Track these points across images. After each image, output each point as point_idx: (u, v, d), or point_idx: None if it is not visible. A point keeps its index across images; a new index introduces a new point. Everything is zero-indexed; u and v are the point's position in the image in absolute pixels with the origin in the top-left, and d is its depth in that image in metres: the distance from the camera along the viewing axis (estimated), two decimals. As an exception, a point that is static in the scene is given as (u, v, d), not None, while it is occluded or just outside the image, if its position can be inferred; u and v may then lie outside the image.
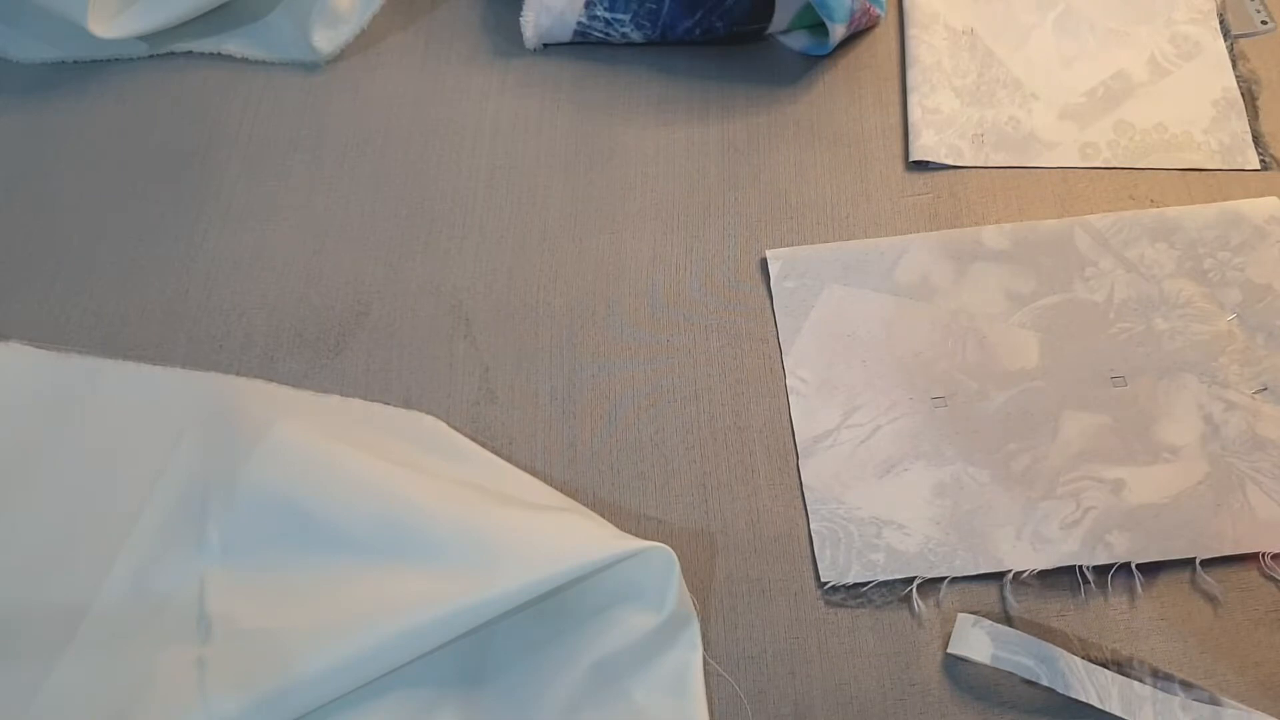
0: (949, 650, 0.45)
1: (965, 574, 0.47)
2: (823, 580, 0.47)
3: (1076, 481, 0.48)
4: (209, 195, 0.59)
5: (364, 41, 0.64)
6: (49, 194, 0.60)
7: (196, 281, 0.57)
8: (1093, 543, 0.47)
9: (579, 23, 0.61)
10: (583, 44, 0.63)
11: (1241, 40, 0.61)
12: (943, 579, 0.47)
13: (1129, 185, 0.57)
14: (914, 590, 0.47)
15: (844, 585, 0.47)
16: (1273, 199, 0.55)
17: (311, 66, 0.64)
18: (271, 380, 0.53)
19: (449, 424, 0.51)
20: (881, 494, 0.49)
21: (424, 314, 0.55)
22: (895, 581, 0.47)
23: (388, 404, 0.52)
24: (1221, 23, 0.62)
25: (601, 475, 0.51)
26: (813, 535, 0.48)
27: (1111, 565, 0.46)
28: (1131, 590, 0.46)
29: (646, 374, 0.53)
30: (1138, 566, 0.47)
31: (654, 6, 0.60)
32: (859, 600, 0.47)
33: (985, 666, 0.45)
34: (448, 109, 0.62)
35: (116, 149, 0.61)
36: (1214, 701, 0.43)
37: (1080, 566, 0.47)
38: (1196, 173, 0.57)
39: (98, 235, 0.58)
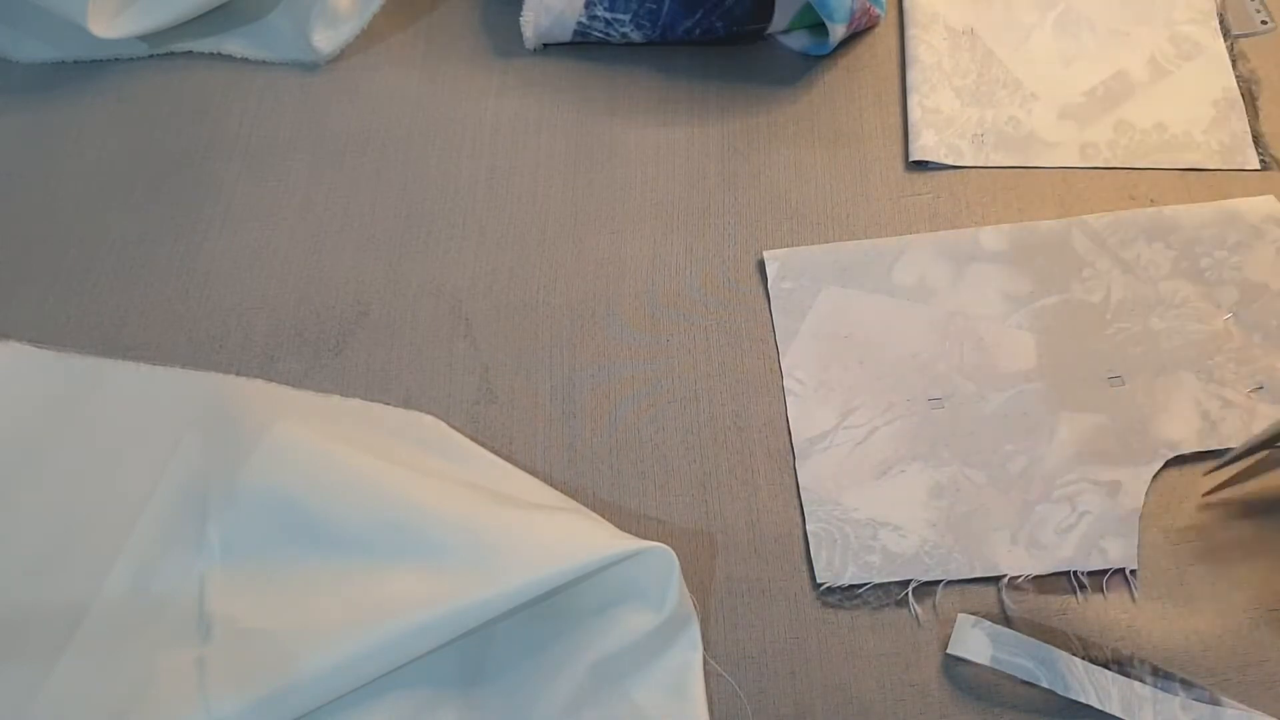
0: (948, 651, 0.45)
1: (960, 577, 0.47)
2: (819, 582, 0.47)
3: (1073, 485, 0.48)
4: (209, 195, 0.60)
5: (364, 41, 0.64)
6: (49, 194, 0.60)
7: (196, 281, 0.57)
8: (1088, 548, 0.47)
9: (579, 23, 0.61)
10: (583, 44, 0.63)
11: (1241, 40, 0.61)
12: (938, 581, 0.47)
13: (1129, 185, 0.57)
14: (910, 593, 0.47)
15: (840, 587, 0.47)
16: (1269, 198, 0.55)
17: (311, 66, 0.64)
18: (271, 380, 0.53)
19: (449, 424, 0.51)
20: (878, 495, 0.49)
21: (424, 314, 0.55)
22: (891, 584, 0.47)
23: (388, 404, 0.52)
24: (1221, 23, 0.62)
25: (601, 475, 0.51)
26: (809, 537, 0.48)
27: (1106, 570, 0.47)
28: (1131, 590, 0.46)
29: (646, 374, 0.53)
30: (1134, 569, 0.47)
31: (654, 6, 0.60)
32: (855, 601, 0.47)
33: (985, 667, 0.45)
34: (448, 109, 0.62)
35: (116, 149, 0.61)
36: (1214, 701, 0.43)
37: (1075, 571, 0.47)
38: (1196, 172, 0.57)
39: (98, 235, 0.58)
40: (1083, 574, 0.46)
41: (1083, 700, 0.43)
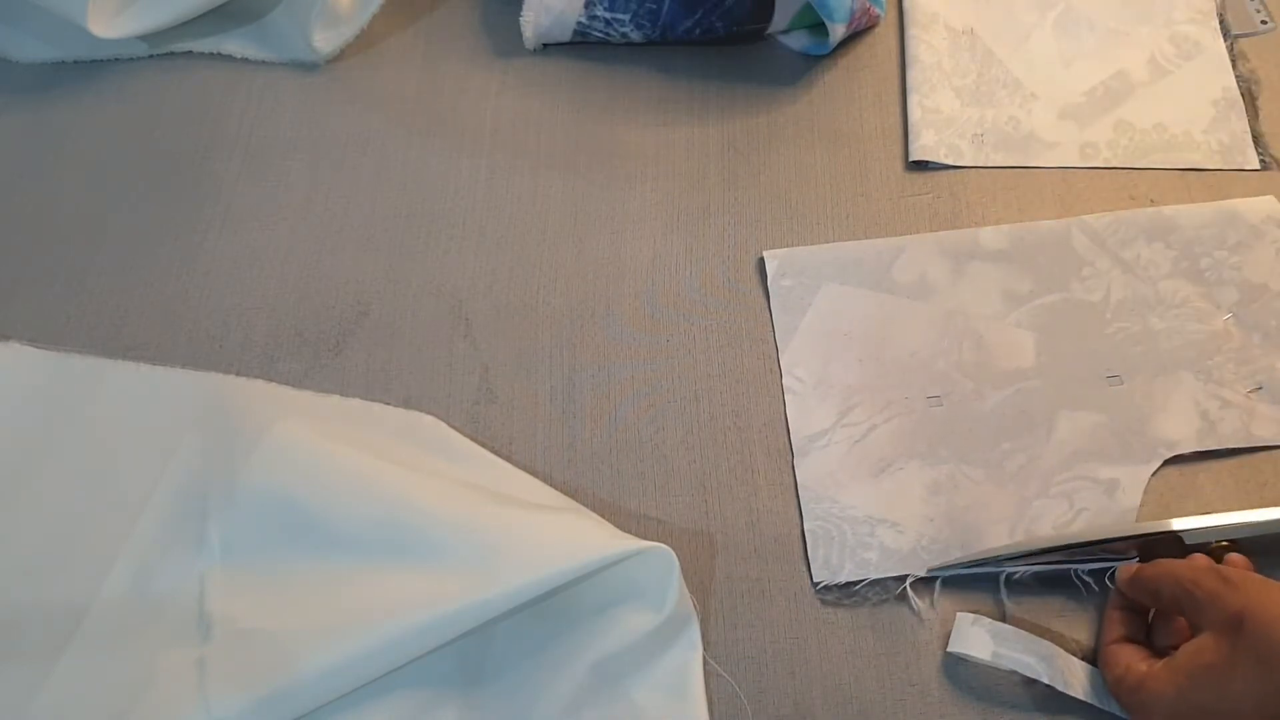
0: (949, 649, 0.45)
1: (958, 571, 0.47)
2: (815, 580, 0.47)
3: (1070, 482, 0.48)
4: (209, 196, 0.60)
5: (364, 41, 0.64)
6: (49, 194, 0.60)
7: (196, 281, 0.57)
8: (1087, 545, 0.47)
9: (579, 23, 0.61)
10: (583, 44, 0.63)
11: (1241, 40, 0.61)
12: (936, 577, 0.47)
13: (1129, 185, 0.57)
14: (908, 587, 0.47)
15: (837, 584, 0.47)
16: (1269, 198, 0.55)
17: (311, 66, 0.64)
18: (271, 380, 0.53)
19: (449, 424, 0.51)
20: (876, 493, 0.49)
21: (424, 314, 0.55)
22: (889, 580, 0.47)
23: (388, 404, 0.52)
24: (1221, 23, 0.62)
25: (601, 475, 0.51)
26: (806, 535, 0.48)
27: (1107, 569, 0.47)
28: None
29: (646, 374, 0.53)
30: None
31: (654, 6, 0.60)
32: (853, 599, 0.47)
33: (985, 666, 0.45)
34: (448, 109, 0.62)
35: (116, 149, 0.61)
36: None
37: (1075, 570, 0.46)
38: (1196, 172, 0.57)
39: (98, 235, 0.58)
40: (1083, 573, 0.46)
41: (1082, 698, 0.43)
